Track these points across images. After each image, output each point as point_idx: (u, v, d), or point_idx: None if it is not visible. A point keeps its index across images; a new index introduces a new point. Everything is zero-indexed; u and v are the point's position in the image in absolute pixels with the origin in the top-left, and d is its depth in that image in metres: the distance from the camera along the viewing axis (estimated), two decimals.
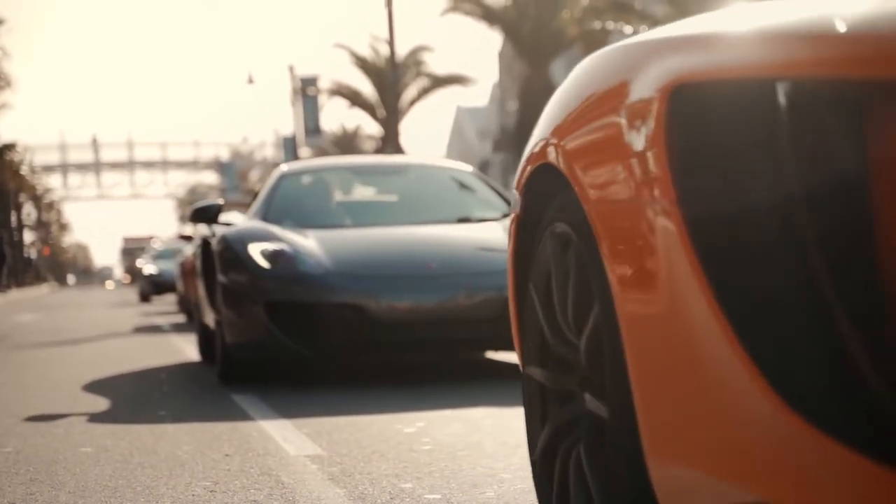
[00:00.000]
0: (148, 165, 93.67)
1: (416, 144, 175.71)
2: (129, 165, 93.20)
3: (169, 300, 28.52)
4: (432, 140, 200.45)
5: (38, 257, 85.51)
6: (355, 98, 46.57)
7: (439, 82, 44.80)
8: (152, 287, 29.91)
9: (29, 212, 78.76)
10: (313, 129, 52.23)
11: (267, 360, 7.52)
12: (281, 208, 8.35)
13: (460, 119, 71.95)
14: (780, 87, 1.55)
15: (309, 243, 7.46)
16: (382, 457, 4.49)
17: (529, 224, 2.57)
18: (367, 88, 46.28)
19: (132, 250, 77.90)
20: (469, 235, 7.70)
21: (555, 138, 2.30)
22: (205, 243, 8.81)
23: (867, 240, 1.46)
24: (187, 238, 17.25)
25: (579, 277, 2.22)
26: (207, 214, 8.30)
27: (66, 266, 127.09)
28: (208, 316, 8.64)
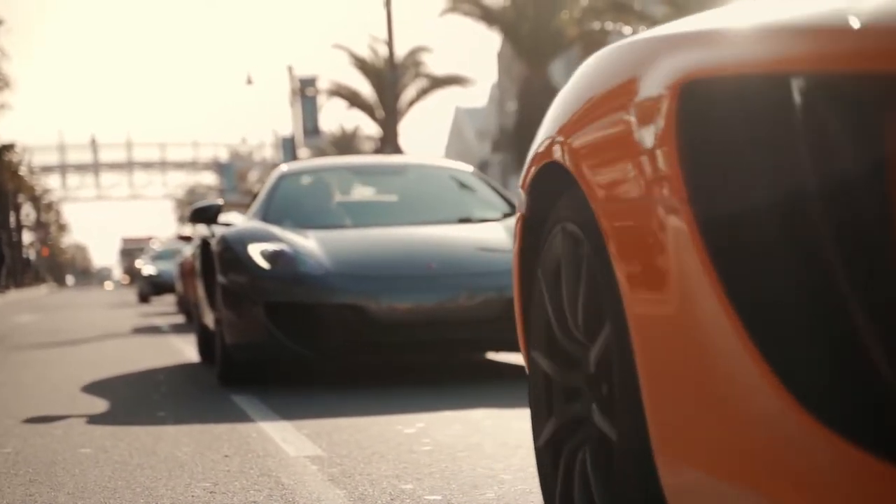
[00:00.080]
0: (147, 166, 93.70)
1: (415, 145, 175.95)
2: (128, 166, 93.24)
3: (168, 301, 28.51)
4: (431, 141, 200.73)
5: (37, 258, 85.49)
6: (354, 99, 46.58)
7: (438, 83, 44.81)
8: (151, 288, 29.89)
9: (28, 212, 78.81)
10: (312, 130, 52.26)
11: (267, 361, 7.50)
12: (281, 208, 8.33)
13: (459, 120, 72.01)
14: (794, 83, 1.53)
15: (309, 244, 7.44)
16: (382, 458, 4.47)
17: (535, 223, 2.55)
18: (366, 89, 46.33)
19: (131, 251, 77.90)
20: (469, 236, 7.68)
21: (561, 137, 2.28)
22: (204, 244, 8.79)
23: (882, 236, 1.44)
24: (186, 238, 17.23)
25: (589, 283, 2.19)
26: (207, 215, 8.28)
27: (65, 267, 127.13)
28: (208, 317, 8.62)
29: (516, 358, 8.08)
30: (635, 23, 29.58)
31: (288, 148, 54.85)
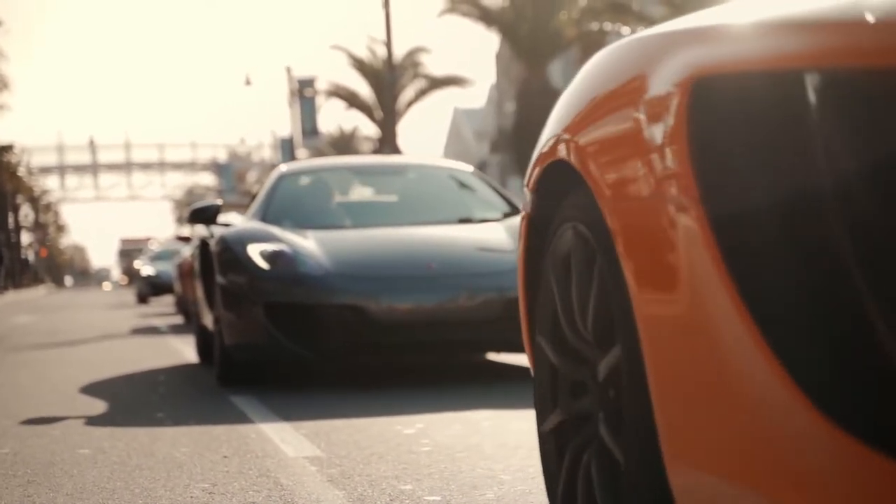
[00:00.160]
0: (145, 167, 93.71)
1: (414, 146, 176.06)
2: (127, 167, 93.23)
3: (167, 301, 28.49)
4: (430, 141, 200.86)
5: (36, 259, 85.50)
6: (353, 99, 46.58)
7: (436, 84, 44.80)
8: (150, 288, 29.88)
9: (26, 213, 78.82)
10: (310, 131, 52.24)
11: (266, 362, 7.48)
12: (280, 209, 8.30)
13: (457, 120, 72.00)
14: (807, 79, 1.50)
15: (308, 244, 7.42)
16: (382, 458, 4.45)
17: (541, 223, 2.52)
18: (365, 90, 46.32)
19: (129, 252, 77.96)
20: (469, 236, 7.66)
21: (568, 135, 2.25)
22: (203, 244, 8.77)
23: None
24: (185, 239, 17.22)
25: (601, 286, 2.16)
26: (206, 215, 8.26)
27: (64, 267, 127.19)
28: (207, 317, 8.60)
29: (516, 359, 8.06)
30: (634, 23, 29.59)
31: (286, 148, 54.84)
